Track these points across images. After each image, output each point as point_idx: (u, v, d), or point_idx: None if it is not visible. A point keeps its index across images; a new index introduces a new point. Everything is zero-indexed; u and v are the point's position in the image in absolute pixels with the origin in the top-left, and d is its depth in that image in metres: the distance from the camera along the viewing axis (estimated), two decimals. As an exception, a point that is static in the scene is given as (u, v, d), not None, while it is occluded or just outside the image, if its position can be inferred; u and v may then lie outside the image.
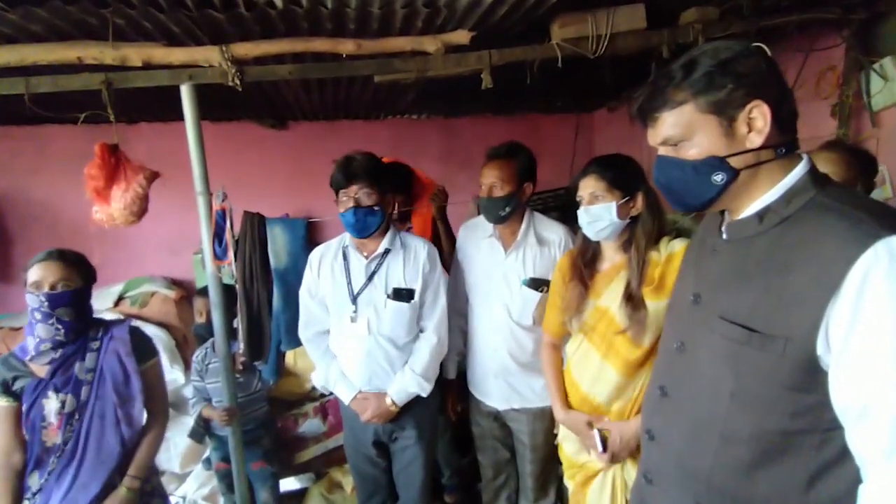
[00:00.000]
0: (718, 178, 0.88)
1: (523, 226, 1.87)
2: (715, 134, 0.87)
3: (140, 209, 1.92)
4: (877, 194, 2.09)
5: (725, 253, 0.96)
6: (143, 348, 1.66)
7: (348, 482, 2.62)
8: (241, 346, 2.24)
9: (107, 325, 1.65)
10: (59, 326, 1.51)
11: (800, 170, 0.87)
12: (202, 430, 2.38)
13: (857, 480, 0.78)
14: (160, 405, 1.72)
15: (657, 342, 1.38)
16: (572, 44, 2.09)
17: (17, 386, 1.52)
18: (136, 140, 3.21)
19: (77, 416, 1.53)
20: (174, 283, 3.98)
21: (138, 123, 3.73)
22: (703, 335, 0.95)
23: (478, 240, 1.96)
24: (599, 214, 1.44)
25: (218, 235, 2.06)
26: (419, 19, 1.91)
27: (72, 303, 1.52)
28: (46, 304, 1.48)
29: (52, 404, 1.51)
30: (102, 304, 3.18)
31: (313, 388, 3.08)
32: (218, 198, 2.06)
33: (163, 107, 3.26)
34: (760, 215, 0.89)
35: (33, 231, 3.87)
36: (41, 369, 1.53)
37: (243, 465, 2.11)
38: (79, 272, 1.56)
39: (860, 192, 1.44)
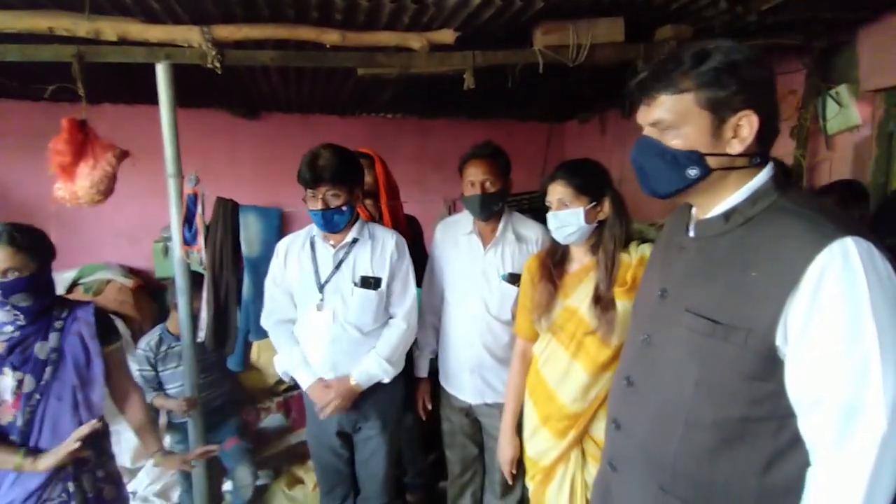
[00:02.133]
0: (693, 172, 0.91)
1: (502, 223, 1.90)
2: (703, 130, 0.89)
3: (107, 188, 1.85)
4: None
5: (692, 250, 0.99)
6: (107, 331, 1.61)
7: (310, 479, 2.58)
8: (201, 334, 2.18)
9: (71, 306, 1.58)
10: (17, 312, 1.46)
11: (765, 174, 0.92)
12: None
13: (808, 465, 0.83)
14: (129, 384, 1.69)
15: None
16: (553, 51, 2.14)
17: None
18: (99, 121, 3.09)
19: (38, 396, 1.47)
20: (132, 271, 3.83)
21: (102, 104, 3.59)
22: (670, 328, 0.99)
23: (456, 237, 1.97)
24: (567, 220, 1.47)
25: (188, 220, 2.00)
26: (406, 15, 1.93)
27: (26, 289, 1.44)
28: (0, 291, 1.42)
29: (6, 381, 1.45)
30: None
31: (277, 383, 3.03)
32: (190, 182, 2.01)
33: (130, 88, 3.15)
34: (726, 215, 0.93)
35: (-19, 210, 3.66)
36: (0, 345, 1.47)
37: (203, 436, 2.05)
38: (32, 255, 1.46)
39: (817, 198, 1.53)
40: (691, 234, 1.02)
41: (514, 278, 1.84)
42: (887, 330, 0.76)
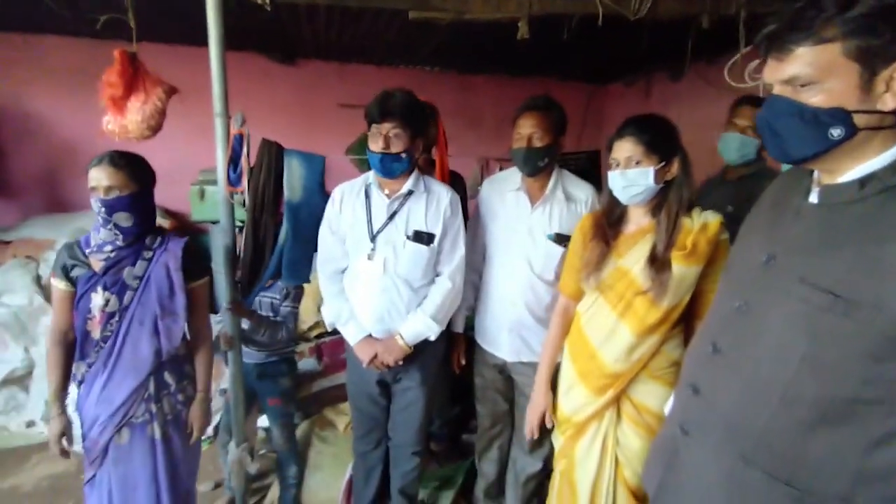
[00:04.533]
0: (836, 132, 0.82)
1: (552, 181, 1.86)
2: (851, 84, 0.80)
3: (157, 124, 1.85)
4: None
5: (813, 216, 0.92)
6: (194, 266, 1.68)
7: (341, 421, 2.67)
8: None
9: (165, 237, 1.65)
10: (118, 232, 1.54)
11: None
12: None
13: None
14: (204, 323, 1.76)
15: (674, 308, 1.41)
16: (614, 2, 2.03)
17: (73, 273, 1.57)
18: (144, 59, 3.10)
19: (117, 318, 1.56)
20: (168, 212, 3.90)
21: (140, 43, 3.57)
22: (776, 297, 0.92)
23: (503, 193, 1.94)
24: (636, 179, 1.41)
25: (234, 161, 1.99)
26: (464, -44, 1.84)
27: (126, 208, 1.52)
28: (103, 209, 1.50)
29: (98, 299, 1.54)
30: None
31: (310, 329, 3.09)
32: (236, 122, 1.98)
33: (174, 27, 3.12)
34: (863, 182, 0.85)
35: (26, 145, 3.73)
36: (97, 263, 1.56)
37: (242, 389, 2.10)
38: (133, 176, 1.54)
39: None
40: (814, 199, 0.93)
41: (560, 238, 1.81)
42: None
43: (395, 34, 3.14)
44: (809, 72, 0.81)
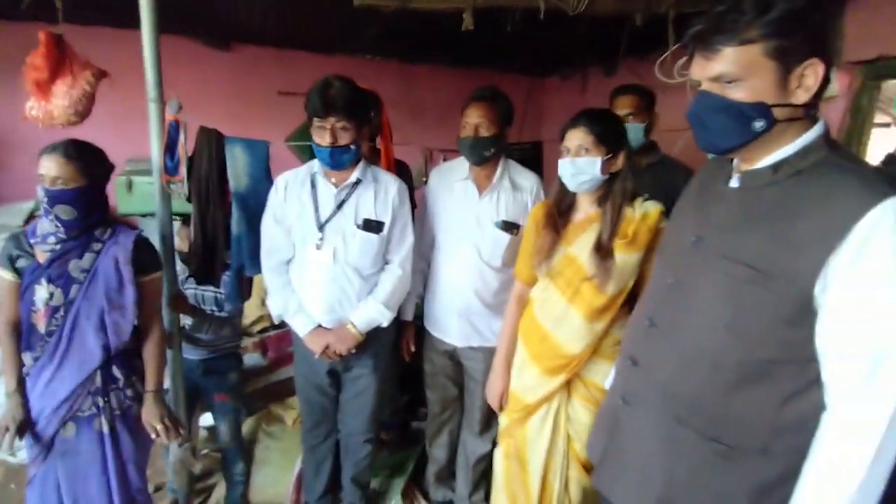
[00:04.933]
0: (759, 125, 0.90)
1: (499, 170, 1.91)
2: (770, 81, 0.88)
3: (86, 109, 1.73)
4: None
5: (734, 200, 1.01)
6: (145, 260, 1.63)
7: (289, 415, 2.62)
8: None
9: (116, 230, 1.60)
10: (58, 224, 1.50)
11: (818, 129, 0.93)
12: None
13: (821, 405, 0.90)
14: (155, 318, 1.70)
15: (620, 293, 1.51)
16: (555, -3, 2.10)
17: (19, 264, 1.55)
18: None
19: (62, 312, 1.52)
20: (92, 205, 3.65)
21: (66, 24, 3.30)
22: (703, 273, 1.02)
23: (451, 182, 1.97)
24: (584, 168, 1.48)
25: (170, 149, 1.90)
26: (410, -54, 1.84)
27: (69, 201, 1.47)
28: (46, 199, 1.44)
29: (42, 292, 1.50)
30: (12, 219, 2.86)
31: (252, 324, 3.00)
32: (171, 108, 1.89)
33: (99, 8, 2.90)
34: (776, 167, 0.94)
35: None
36: (42, 255, 1.53)
37: (183, 386, 2.03)
38: (83, 170, 1.49)
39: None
40: (734, 184, 1.03)
41: (507, 226, 1.87)
42: None
43: (336, 19, 3.08)
44: (734, 70, 0.89)
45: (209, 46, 3.92)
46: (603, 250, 1.47)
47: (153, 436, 1.62)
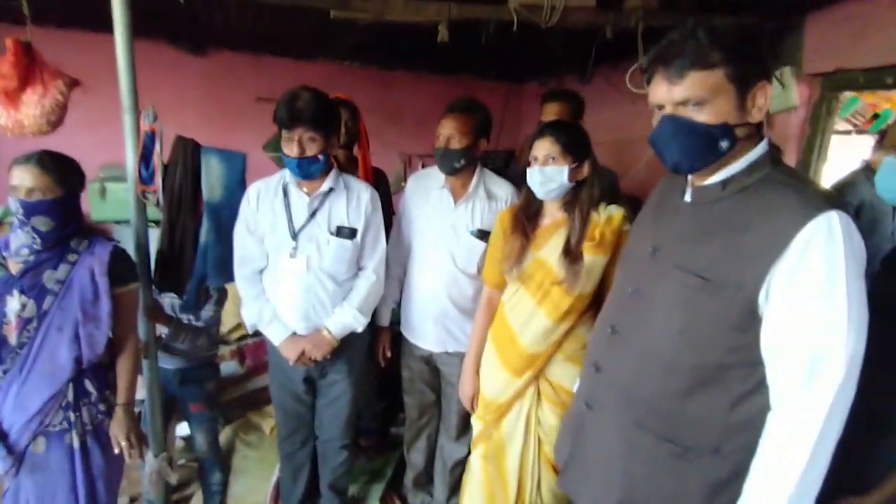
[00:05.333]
0: (724, 144, 0.96)
1: (474, 180, 1.95)
2: (731, 103, 0.94)
3: (58, 118, 1.72)
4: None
5: (688, 213, 1.08)
6: (121, 271, 1.61)
7: (266, 424, 2.62)
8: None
9: (92, 241, 1.58)
10: (35, 235, 1.48)
11: (762, 146, 1.00)
12: None
13: (767, 406, 0.96)
14: (130, 331, 1.69)
15: (585, 295, 1.57)
16: (528, 10, 2.15)
17: None
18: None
19: (35, 324, 1.49)
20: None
21: (33, 26, 3.24)
22: (659, 282, 1.08)
23: (428, 190, 2.00)
24: (552, 176, 1.54)
25: (145, 158, 1.89)
26: (385, -41, 1.87)
27: (47, 212, 1.46)
28: (21, 211, 1.43)
29: (13, 303, 1.48)
30: (-21, 227, 2.80)
31: (230, 332, 2.99)
32: (147, 117, 1.89)
33: (69, 10, 2.87)
34: (724, 183, 1.01)
35: None
36: (15, 266, 1.51)
37: (160, 397, 2.01)
38: (60, 180, 1.48)
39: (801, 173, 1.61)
40: (688, 199, 1.09)
41: (482, 234, 1.91)
42: (854, 294, 0.88)
43: (311, 29, 3.09)
44: (700, 94, 0.95)
45: (185, 52, 3.89)
46: (572, 254, 1.54)
47: (116, 450, 1.61)
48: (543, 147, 1.56)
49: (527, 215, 1.66)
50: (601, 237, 1.53)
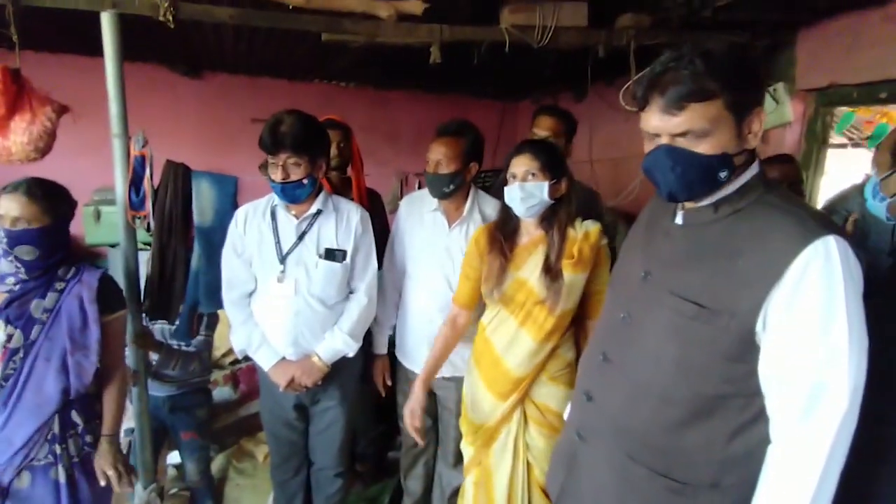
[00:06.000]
0: (724, 174, 0.92)
1: (468, 203, 1.92)
2: (730, 132, 0.91)
3: (46, 146, 1.70)
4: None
5: (678, 237, 1.04)
6: (110, 299, 1.59)
7: (260, 451, 2.56)
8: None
9: (80, 269, 1.56)
10: (19, 265, 1.46)
11: (754, 168, 0.97)
12: None
13: (767, 437, 0.92)
14: (118, 359, 1.66)
15: (567, 313, 1.56)
16: (519, 31, 2.15)
17: None
18: (28, 70, 2.84)
19: (21, 354, 1.47)
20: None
21: (24, 51, 3.26)
22: (651, 308, 1.04)
23: (422, 213, 1.97)
24: (533, 192, 1.53)
25: (135, 184, 1.88)
26: (375, -18, 1.87)
27: (31, 242, 1.43)
28: (5, 240, 1.41)
29: None
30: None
31: (223, 356, 2.94)
32: (137, 143, 1.88)
33: (64, 36, 2.88)
34: (716, 206, 0.98)
35: None
36: (0, 296, 1.47)
37: (149, 425, 1.97)
38: (48, 209, 1.46)
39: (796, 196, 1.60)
40: (678, 221, 1.06)
41: None
42: (855, 322, 0.85)
43: (305, 52, 3.10)
44: (701, 125, 0.91)
45: (180, 74, 3.91)
46: (552, 271, 1.52)
47: (102, 482, 1.56)
48: (523, 163, 1.54)
49: (504, 234, 1.63)
50: (580, 254, 1.52)
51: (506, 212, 1.62)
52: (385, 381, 2.11)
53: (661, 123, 0.94)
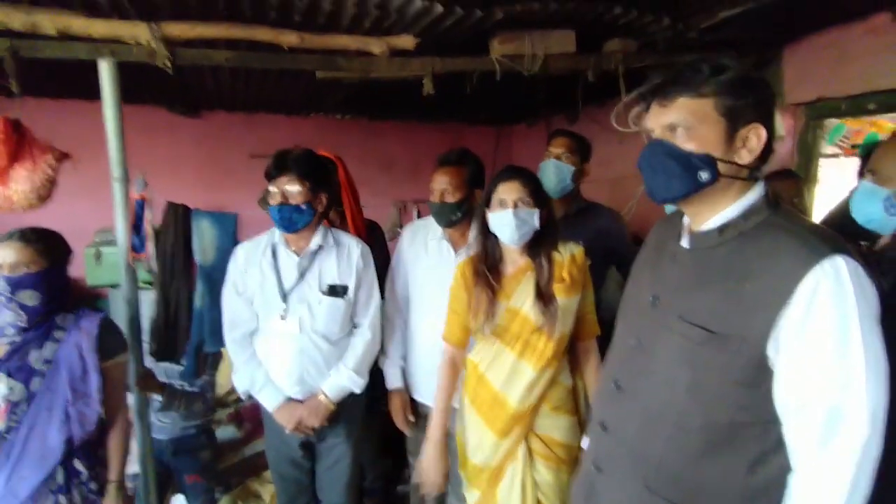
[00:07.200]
0: (704, 175, 0.93)
1: (473, 229, 1.92)
2: (718, 136, 0.93)
3: (48, 193, 1.73)
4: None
5: (685, 260, 1.04)
6: (110, 343, 1.59)
7: (266, 491, 2.51)
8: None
9: (78, 314, 1.56)
10: (22, 312, 1.46)
11: (758, 191, 0.97)
12: None
13: (788, 466, 0.89)
14: (120, 403, 1.65)
15: (563, 337, 1.52)
16: (510, 59, 2.20)
17: None
18: (27, 115, 2.88)
19: (23, 407, 1.46)
20: (60, 279, 3.56)
21: (23, 97, 3.32)
22: (662, 334, 1.03)
23: (426, 241, 1.97)
24: (527, 219, 1.50)
25: (136, 226, 1.89)
26: (367, 20, 1.91)
27: (33, 286, 1.44)
28: (7, 287, 1.41)
29: (0, 387, 1.44)
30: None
31: (227, 394, 2.91)
32: (137, 186, 1.90)
33: (63, 82, 2.94)
34: (721, 229, 0.97)
35: None
36: (1, 349, 1.47)
37: (153, 470, 1.94)
38: (43, 251, 1.47)
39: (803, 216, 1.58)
40: (685, 244, 1.05)
41: None
42: (871, 343, 0.83)
43: (302, 88, 3.16)
44: (687, 120, 0.94)
45: (179, 114, 3.98)
46: (545, 297, 1.50)
47: None
48: (513, 190, 1.51)
49: (488, 265, 1.58)
50: (570, 277, 1.50)
51: (486, 241, 1.58)
52: (407, 417, 2.03)
53: (653, 118, 0.99)
